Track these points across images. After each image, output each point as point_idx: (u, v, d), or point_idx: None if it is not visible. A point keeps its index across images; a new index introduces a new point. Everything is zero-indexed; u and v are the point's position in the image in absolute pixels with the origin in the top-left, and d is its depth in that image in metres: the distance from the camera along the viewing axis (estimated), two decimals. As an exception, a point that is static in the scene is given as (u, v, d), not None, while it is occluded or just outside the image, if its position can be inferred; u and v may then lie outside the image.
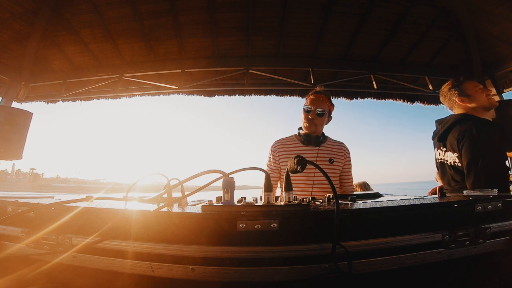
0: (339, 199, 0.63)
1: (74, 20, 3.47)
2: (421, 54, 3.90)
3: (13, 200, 0.87)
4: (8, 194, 1.30)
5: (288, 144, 1.76)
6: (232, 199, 0.71)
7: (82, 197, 0.89)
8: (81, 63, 3.99)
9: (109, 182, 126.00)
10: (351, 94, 4.38)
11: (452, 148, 1.51)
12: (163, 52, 3.90)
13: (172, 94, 4.23)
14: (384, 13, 3.45)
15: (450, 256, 0.68)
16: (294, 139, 1.77)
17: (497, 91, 3.76)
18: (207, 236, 0.64)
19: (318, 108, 1.66)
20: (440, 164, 1.64)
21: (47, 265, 0.69)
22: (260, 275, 0.61)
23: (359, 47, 3.85)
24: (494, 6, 3.16)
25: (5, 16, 3.15)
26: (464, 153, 1.41)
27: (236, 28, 3.64)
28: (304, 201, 0.73)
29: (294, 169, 0.71)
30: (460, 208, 0.76)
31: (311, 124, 1.68)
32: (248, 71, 3.92)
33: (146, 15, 3.44)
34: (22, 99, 4.02)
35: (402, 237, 0.66)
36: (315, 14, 3.49)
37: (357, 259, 0.62)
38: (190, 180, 0.76)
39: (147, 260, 0.64)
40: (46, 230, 0.70)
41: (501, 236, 0.73)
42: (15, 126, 3.27)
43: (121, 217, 0.70)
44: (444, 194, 0.99)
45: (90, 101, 4.42)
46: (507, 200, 0.77)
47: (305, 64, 4.01)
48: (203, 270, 0.62)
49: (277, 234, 0.63)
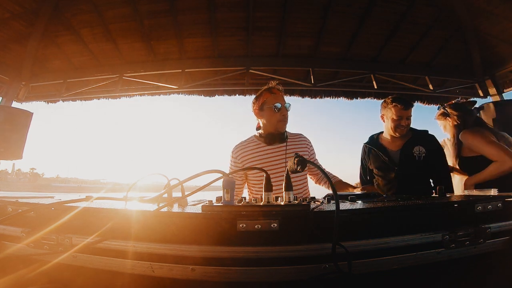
0: (339, 199, 0.63)
1: (74, 20, 3.47)
2: (421, 54, 3.90)
3: (13, 200, 0.87)
4: (8, 194, 1.30)
5: (250, 146, 1.67)
6: (232, 199, 0.71)
7: (82, 197, 0.89)
8: (81, 63, 3.99)
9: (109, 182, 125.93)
10: (351, 94, 4.37)
11: None
12: (163, 52, 3.89)
13: (172, 94, 4.22)
14: (384, 13, 3.44)
15: (450, 256, 0.68)
16: (256, 141, 1.68)
17: (497, 91, 3.76)
18: (207, 236, 0.64)
19: (285, 103, 1.62)
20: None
21: (47, 265, 0.69)
22: (260, 275, 0.61)
23: (359, 47, 3.84)
24: (494, 6, 3.15)
25: (5, 16, 3.15)
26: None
27: (236, 28, 3.63)
28: (304, 201, 0.73)
29: (294, 169, 0.71)
30: (460, 208, 0.76)
31: (286, 121, 1.62)
32: (248, 71, 3.91)
33: (146, 15, 3.44)
34: (22, 99, 4.02)
35: (402, 237, 0.66)
36: (315, 14, 3.49)
37: (357, 259, 0.62)
38: (190, 180, 0.76)
39: (147, 260, 0.64)
40: (46, 230, 0.70)
41: (501, 236, 0.73)
42: (15, 126, 3.27)
43: (121, 217, 0.70)
44: (444, 194, 0.99)
45: (90, 101, 4.41)
46: (507, 200, 0.77)
47: (305, 64, 4.01)
48: (203, 270, 0.62)
49: (277, 234, 0.63)
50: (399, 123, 1.83)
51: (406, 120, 1.83)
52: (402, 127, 1.84)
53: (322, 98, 4.41)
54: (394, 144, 1.91)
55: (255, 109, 1.69)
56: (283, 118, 1.61)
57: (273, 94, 1.63)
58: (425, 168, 1.80)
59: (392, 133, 1.88)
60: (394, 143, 1.91)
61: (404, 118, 1.83)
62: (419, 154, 1.82)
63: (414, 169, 1.80)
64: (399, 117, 1.82)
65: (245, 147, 1.67)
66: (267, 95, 1.64)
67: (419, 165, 1.80)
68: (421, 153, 1.82)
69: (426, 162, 1.80)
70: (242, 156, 1.65)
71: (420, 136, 1.89)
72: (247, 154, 1.64)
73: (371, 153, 1.97)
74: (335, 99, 4.43)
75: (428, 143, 1.86)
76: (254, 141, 1.69)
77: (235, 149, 1.69)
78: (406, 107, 1.82)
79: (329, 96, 4.37)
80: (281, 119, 1.61)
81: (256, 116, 1.71)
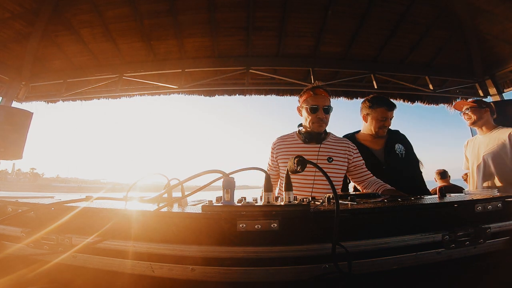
0: (339, 199, 0.63)
1: (74, 20, 3.47)
2: (421, 54, 3.90)
3: (13, 200, 0.87)
4: (8, 194, 1.30)
5: (288, 141, 1.69)
6: (232, 199, 0.71)
7: (82, 197, 0.89)
8: (81, 63, 3.99)
9: (109, 182, 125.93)
10: (352, 94, 4.38)
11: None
12: (163, 52, 3.90)
13: (172, 94, 4.23)
14: (384, 13, 3.45)
15: (450, 256, 0.68)
16: (295, 137, 1.70)
17: (498, 91, 3.77)
18: (207, 236, 0.64)
19: (324, 105, 1.59)
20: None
21: (47, 265, 0.69)
22: (260, 275, 0.61)
23: (360, 47, 3.85)
24: (494, 6, 3.15)
25: (5, 15, 3.15)
26: None
27: (236, 28, 3.64)
28: (304, 201, 0.73)
29: (294, 169, 0.71)
30: (460, 208, 0.76)
31: (321, 123, 1.60)
32: (248, 70, 3.92)
33: (146, 15, 3.44)
34: (22, 99, 4.02)
35: (402, 237, 0.66)
36: (315, 14, 3.49)
37: (357, 259, 0.62)
38: (190, 180, 0.76)
39: (147, 260, 0.64)
40: (46, 230, 0.70)
41: (501, 236, 0.73)
42: (15, 126, 3.28)
43: (121, 217, 0.70)
44: (444, 194, 0.99)
45: (90, 101, 4.42)
46: (507, 200, 0.77)
47: (305, 64, 4.01)
48: (203, 270, 0.62)
49: (277, 234, 0.63)
50: (383, 124, 1.87)
51: (389, 121, 1.88)
52: (385, 128, 1.88)
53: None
54: (376, 143, 1.93)
55: (298, 106, 1.71)
56: (317, 120, 1.59)
57: (314, 95, 1.61)
58: (407, 164, 1.86)
59: (374, 133, 1.91)
60: (375, 142, 1.93)
61: (389, 119, 1.87)
62: (400, 151, 1.88)
63: (400, 166, 1.84)
64: (384, 118, 1.86)
65: (284, 140, 1.70)
66: (308, 94, 1.63)
67: (402, 161, 1.85)
68: (402, 150, 1.88)
69: (407, 158, 1.87)
70: (278, 148, 1.68)
71: (394, 135, 1.96)
72: (282, 148, 1.67)
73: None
74: (335, 99, 4.45)
75: (403, 141, 1.93)
76: (293, 136, 1.71)
77: (275, 141, 1.72)
78: (391, 108, 1.87)
79: (329, 96, 4.38)
80: (315, 121, 1.60)
81: (298, 112, 1.73)
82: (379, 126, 1.87)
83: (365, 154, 1.86)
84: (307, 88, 1.68)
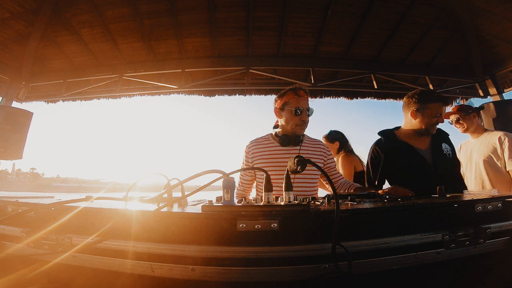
0: (339, 199, 0.63)
1: (74, 20, 3.46)
2: (421, 54, 3.90)
3: (13, 200, 0.87)
4: (8, 194, 1.30)
5: (263, 144, 1.64)
6: (232, 199, 0.71)
7: (82, 197, 0.89)
8: (81, 63, 3.99)
9: (109, 181, 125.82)
10: (351, 94, 4.38)
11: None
12: (163, 52, 3.90)
13: (172, 94, 4.23)
14: (385, 13, 3.44)
15: (450, 256, 0.68)
16: (270, 139, 1.65)
17: (498, 91, 3.76)
18: (207, 236, 0.64)
19: (307, 107, 1.56)
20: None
21: (47, 265, 0.69)
22: (260, 275, 0.61)
23: (359, 47, 3.84)
24: (494, 6, 3.15)
25: (5, 15, 3.15)
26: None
27: (236, 28, 3.63)
28: (304, 201, 0.73)
29: (294, 169, 0.71)
30: (460, 208, 0.76)
31: (304, 125, 1.57)
32: (248, 70, 3.91)
33: (146, 15, 3.44)
34: (22, 99, 4.02)
35: (402, 237, 0.66)
36: (315, 14, 3.49)
37: (357, 259, 0.62)
38: (190, 180, 0.76)
39: (147, 260, 0.64)
40: (46, 230, 0.70)
41: (501, 236, 0.73)
42: (15, 126, 3.28)
43: (121, 217, 0.70)
44: (444, 194, 0.99)
45: (90, 100, 4.42)
46: (507, 200, 0.77)
47: (305, 64, 4.01)
48: (203, 270, 0.62)
49: (277, 234, 0.63)
50: (436, 121, 1.66)
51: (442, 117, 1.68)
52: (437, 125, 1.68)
53: (322, 98, 4.43)
54: (420, 141, 1.73)
55: (276, 108, 1.64)
56: (301, 123, 1.55)
57: (297, 96, 1.56)
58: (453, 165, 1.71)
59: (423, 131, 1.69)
60: (420, 141, 1.73)
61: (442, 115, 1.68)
62: (447, 151, 1.70)
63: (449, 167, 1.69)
64: (438, 114, 1.65)
65: (259, 144, 1.65)
66: (290, 96, 1.57)
67: (451, 162, 1.70)
68: (449, 150, 1.71)
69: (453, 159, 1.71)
70: (253, 152, 1.63)
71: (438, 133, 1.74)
72: (258, 152, 1.62)
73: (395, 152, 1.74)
74: (335, 99, 4.44)
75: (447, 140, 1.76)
76: (269, 139, 1.66)
77: (249, 145, 1.67)
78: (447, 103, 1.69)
79: (329, 96, 4.38)
80: (299, 124, 1.55)
81: (276, 114, 1.67)
82: (433, 123, 1.66)
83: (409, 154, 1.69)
84: (288, 89, 1.62)
